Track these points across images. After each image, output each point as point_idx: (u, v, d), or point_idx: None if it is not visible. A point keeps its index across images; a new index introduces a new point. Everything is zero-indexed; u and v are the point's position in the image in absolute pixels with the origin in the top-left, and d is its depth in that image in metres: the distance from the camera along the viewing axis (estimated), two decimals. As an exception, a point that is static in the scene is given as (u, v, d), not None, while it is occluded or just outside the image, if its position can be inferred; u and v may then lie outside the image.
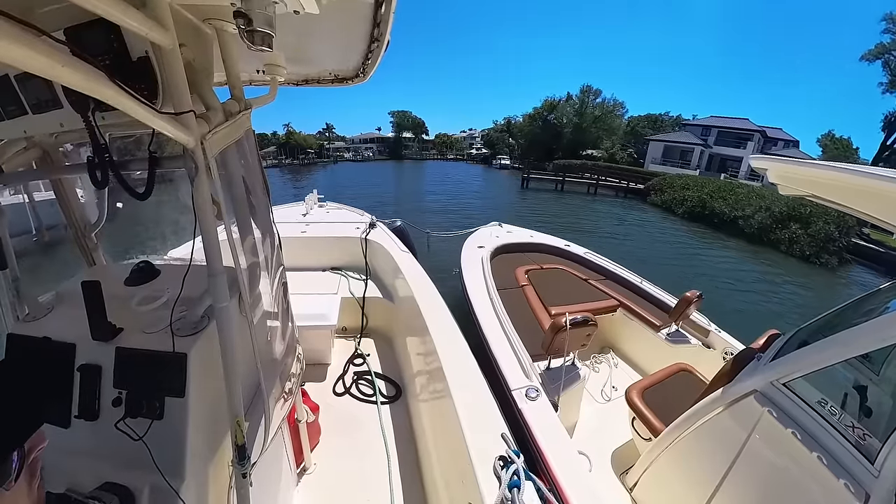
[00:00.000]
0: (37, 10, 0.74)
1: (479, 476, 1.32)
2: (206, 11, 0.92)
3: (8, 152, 1.14)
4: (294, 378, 1.54)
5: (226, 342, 0.95)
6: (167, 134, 0.76)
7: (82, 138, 1.15)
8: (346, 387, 2.85)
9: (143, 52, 0.75)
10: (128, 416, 0.96)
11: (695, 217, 19.48)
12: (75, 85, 0.55)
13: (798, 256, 13.94)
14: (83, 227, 1.44)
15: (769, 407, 1.55)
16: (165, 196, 1.09)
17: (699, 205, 19.71)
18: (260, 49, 0.77)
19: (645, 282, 4.31)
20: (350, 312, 3.46)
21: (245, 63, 1.26)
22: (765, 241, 15.51)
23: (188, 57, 0.86)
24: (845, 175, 1.43)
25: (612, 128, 44.10)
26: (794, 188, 1.73)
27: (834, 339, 1.39)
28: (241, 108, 1.06)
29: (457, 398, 1.67)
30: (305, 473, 2.11)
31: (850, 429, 1.33)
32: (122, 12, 0.59)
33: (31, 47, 0.47)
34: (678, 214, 20.40)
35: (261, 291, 1.28)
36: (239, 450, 1.00)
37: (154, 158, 0.90)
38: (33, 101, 0.89)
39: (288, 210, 5.15)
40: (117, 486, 0.94)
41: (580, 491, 1.61)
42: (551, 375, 2.63)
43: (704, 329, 3.46)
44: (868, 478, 1.22)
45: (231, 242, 0.99)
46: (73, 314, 1.07)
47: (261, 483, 1.24)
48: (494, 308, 3.37)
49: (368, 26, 1.11)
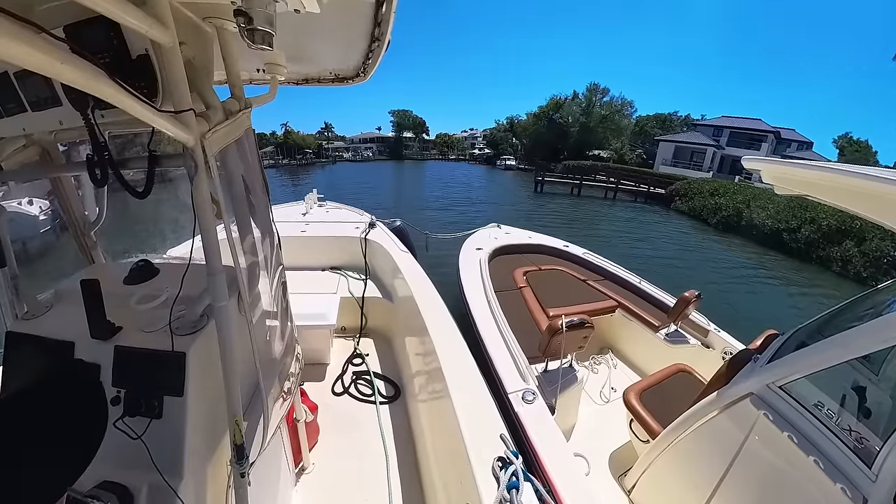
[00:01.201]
0: (36, 7, 0.73)
1: (477, 477, 1.32)
2: (207, 9, 0.91)
3: (7, 150, 1.14)
4: (293, 377, 1.54)
5: (225, 341, 0.94)
6: (167, 132, 0.76)
7: (82, 136, 1.15)
8: (345, 387, 2.85)
9: (143, 50, 0.75)
10: (126, 415, 0.96)
11: (729, 228, 17.50)
12: (75, 82, 0.55)
13: (853, 278, 12.19)
14: (82, 225, 1.44)
15: (765, 410, 1.55)
16: (165, 195, 1.09)
17: (735, 214, 17.78)
18: (260, 48, 0.77)
19: (644, 282, 4.31)
20: (349, 312, 3.46)
21: (245, 62, 1.26)
22: (813, 258, 13.68)
23: (188, 55, 0.86)
24: (837, 176, 1.44)
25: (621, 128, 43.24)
26: (789, 188, 1.74)
27: (832, 340, 1.39)
28: (241, 106, 1.06)
29: (456, 398, 1.67)
30: (304, 473, 2.11)
31: (848, 432, 1.33)
32: (122, 10, 0.59)
33: (31, 44, 0.47)
34: (711, 225, 18.49)
35: (260, 291, 1.28)
36: (237, 449, 1.00)
37: (154, 157, 0.90)
38: (32, 99, 0.89)
39: (287, 209, 5.15)
40: (116, 484, 0.93)
41: (577, 493, 1.60)
42: (548, 378, 2.63)
43: (703, 329, 3.46)
44: (865, 482, 1.22)
45: (230, 241, 0.99)
46: (72, 312, 1.06)
47: (259, 482, 1.24)
48: (492, 310, 3.36)
49: (369, 25, 1.11)
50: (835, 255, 13.26)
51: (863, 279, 12.04)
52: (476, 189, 30.84)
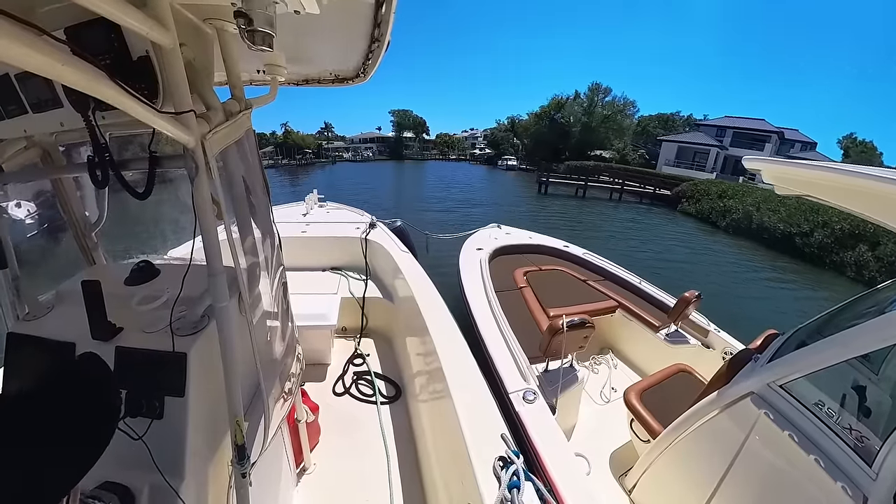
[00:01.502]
0: (37, 9, 0.74)
1: (478, 476, 1.32)
2: (207, 11, 0.92)
3: (8, 151, 1.14)
4: (294, 378, 1.54)
5: (225, 342, 0.95)
6: (167, 133, 0.76)
7: (82, 138, 1.15)
8: (346, 387, 2.85)
9: (144, 52, 0.76)
10: (127, 416, 0.96)
11: (740, 231, 16.96)
12: (75, 84, 0.55)
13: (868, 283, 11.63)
14: (83, 226, 1.44)
15: (766, 409, 1.55)
16: (166, 195, 1.09)
17: (745, 217, 17.06)
18: (260, 49, 0.77)
19: (644, 282, 4.31)
20: (350, 312, 3.46)
21: (245, 63, 1.26)
22: (827, 263, 13.30)
23: (188, 56, 0.86)
24: (837, 175, 1.44)
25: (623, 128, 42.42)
26: (789, 188, 1.74)
27: (832, 339, 1.39)
28: (242, 107, 1.07)
29: (456, 398, 1.67)
30: (305, 473, 2.11)
31: (848, 431, 1.33)
32: (122, 12, 0.59)
33: (32, 46, 0.47)
34: (721, 228, 17.90)
35: (261, 291, 1.28)
36: (238, 449, 1.00)
37: (154, 158, 0.90)
38: (33, 101, 0.89)
39: (288, 210, 5.15)
40: (117, 485, 0.94)
41: (578, 493, 1.60)
42: (549, 378, 2.63)
43: (703, 329, 3.46)
44: (866, 480, 1.22)
45: (231, 242, 0.99)
46: (73, 313, 1.06)
47: (260, 483, 1.24)
48: (492, 310, 3.36)
49: (369, 26, 1.11)
50: (849, 259, 12.87)
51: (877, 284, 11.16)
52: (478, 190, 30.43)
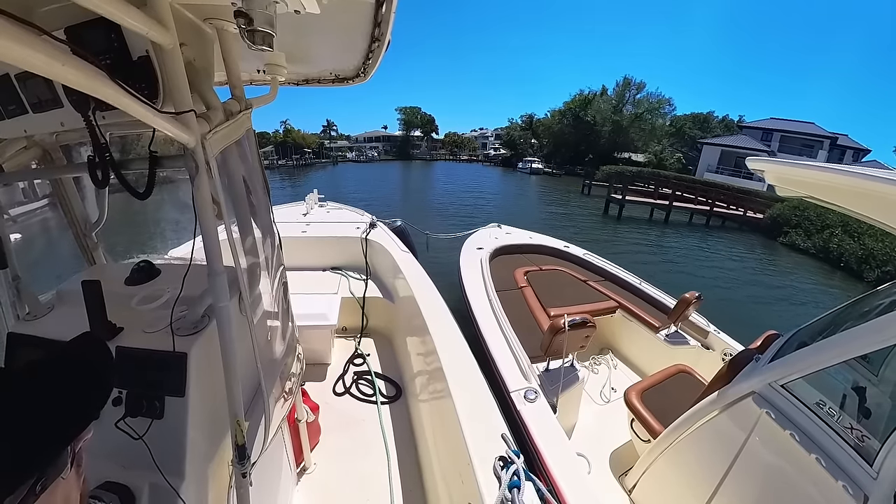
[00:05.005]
0: (37, 9, 0.74)
1: (478, 476, 1.32)
2: (207, 11, 0.92)
3: (8, 151, 1.14)
4: (294, 378, 1.54)
5: (226, 342, 0.94)
6: (168, 133, 0.76)
7: (83, 138, 1.15)
8: (346, 387, 2.85)
9: (144, 52, 0.75)
10: (128, 416, 0.96)
11: None
12: (76, 84, 0.55)
13: None
14: (83, 226, 1.44)
15: (767, 409, 1.55)
16: (165, 195, 1.09)
17: None
18: (261, 49, 0.77)
19: (644, 283, 4.31)
20: (350, 312, 3.46)
21: (246, 63, 1.26)
22: None
23: (189, 56, 0.86)
24: (838, 176, 1.43)
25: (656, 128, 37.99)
26: (792, 190, 1.73)
27: (833, 340, 1.39)
28: (242, 107, 1.06)
29: (457, 398, 1.67)
30: (305, 473, 2.11)
31: (849, 430, 1.33)
32: (122, 11, 0.59)
33: (32, 46, 0.47)
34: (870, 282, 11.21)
35: (261, 291, 1.28)
36: (239, 449, 1.00)
37: (155, 158, 0.90)
38: (34, 101, 0.89)
39: (288, 210, 5.15)
40: (117, 485, 0.94)
41: (579, 493, 1.60)
42: (550, 377, 2.63)
43: (703, 330, 3.46)
44: (867, 479, 1.22)
45: (231, 242, 0.99)
46: (73, 313, 1.07)
47: (261, 482, 1.24)
48: (493, 309, 3.37)
49: (369, 26, 1.11)
50: None
51: None
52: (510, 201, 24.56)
